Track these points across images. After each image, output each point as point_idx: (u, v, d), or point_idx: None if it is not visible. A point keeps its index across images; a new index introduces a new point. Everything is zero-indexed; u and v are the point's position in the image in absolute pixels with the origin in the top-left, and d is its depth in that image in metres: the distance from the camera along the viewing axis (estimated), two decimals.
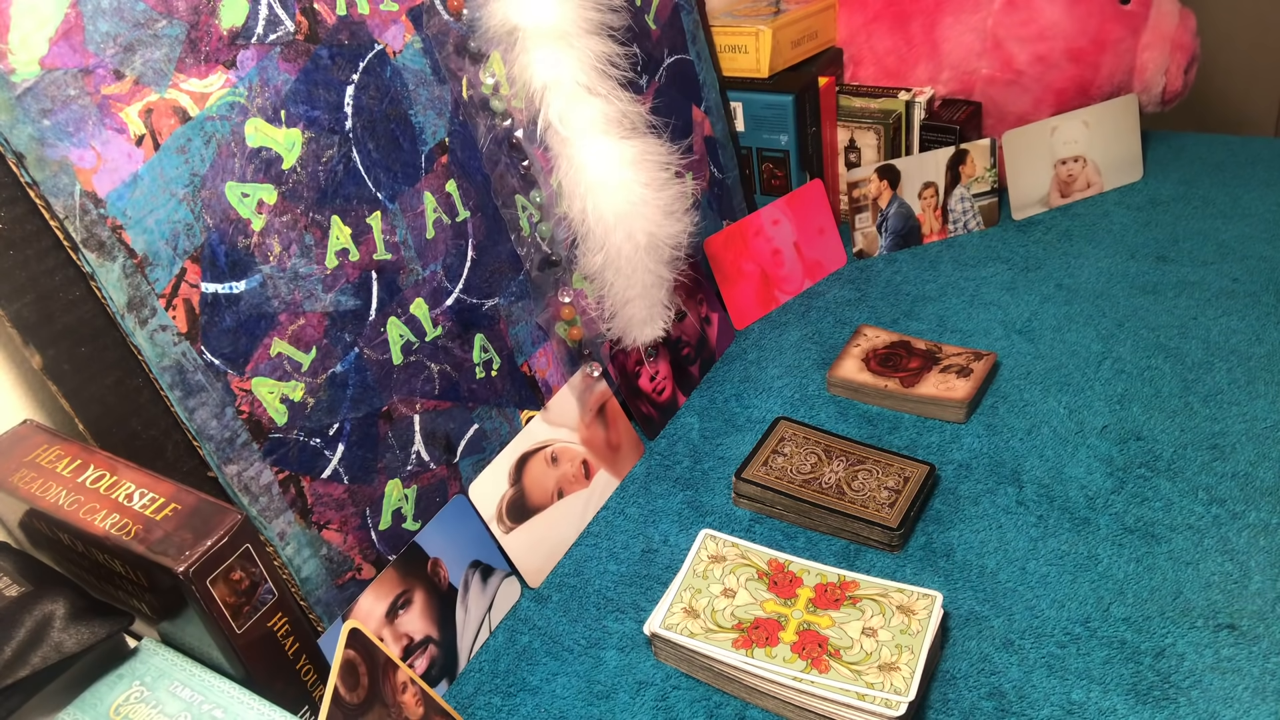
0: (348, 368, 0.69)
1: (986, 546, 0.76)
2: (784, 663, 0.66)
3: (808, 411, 0.93)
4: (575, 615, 0.76)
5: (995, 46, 1.13)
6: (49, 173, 0.54)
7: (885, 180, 1.11)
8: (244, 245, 0.62)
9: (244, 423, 0.63)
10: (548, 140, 0.79)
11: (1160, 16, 1.14)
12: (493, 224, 0.79)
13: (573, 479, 0.83)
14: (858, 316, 1.05)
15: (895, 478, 0.81)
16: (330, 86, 0.67)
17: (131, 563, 0.54)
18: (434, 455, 0.75)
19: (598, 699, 0.69)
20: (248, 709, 0.53)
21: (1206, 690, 0.64)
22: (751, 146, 1.14)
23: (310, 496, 0.67)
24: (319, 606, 0.67)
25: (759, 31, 1.10)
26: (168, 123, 0.59)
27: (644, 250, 0.81)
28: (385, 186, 0.71)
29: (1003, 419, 0.88)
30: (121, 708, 0.53)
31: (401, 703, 0.58)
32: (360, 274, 0.69)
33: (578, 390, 0.86)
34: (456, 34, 0.76)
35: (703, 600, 0.71)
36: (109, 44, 0.56)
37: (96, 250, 0.56)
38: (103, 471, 0.57)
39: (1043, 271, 1.07)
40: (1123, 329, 0.97)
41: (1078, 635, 0.69)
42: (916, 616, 0.68)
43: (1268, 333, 0.94)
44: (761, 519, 0.82)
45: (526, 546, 0.79)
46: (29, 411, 0.66)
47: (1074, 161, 1.17)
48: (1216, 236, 1.09)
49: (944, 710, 0.65)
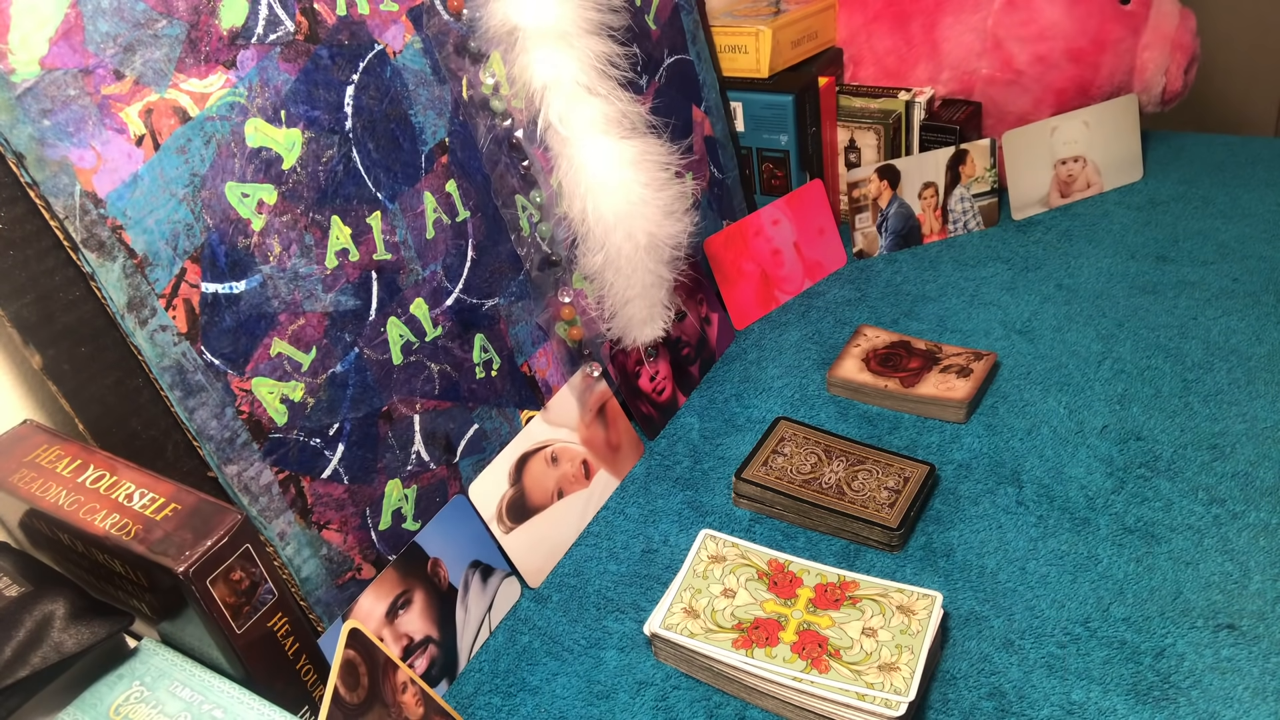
0: (348, 368, 0.69)
1: (986, 547, 0.76)
2: (784, 663, 0.66)
3: (808, 411, 0.93)
4: (575, 615, 0.76)
5: (995, 46, 1.13)
6: (49, 173, 0.54)
7: (885, 180, 1.11)
8: (244, 245, 0.63)
9: (244, 423, 0.63)
10: (548, 140, 0.79)
11: (1160, 16, 1.14)
12: (493, 224, 0.79)
13: (573, 479, 0.83)
14: (858, 316, 1.05)
15: (895, 478, 0.81)
16: (330, 86, 0.67)
17: (131, 563, 0.54)
18: (434, 455, 0.75)
19: (598, 699, 0.69)
20: (248, 709, 0.53)
21: (1206, 690, 0.64)
22: (751, 146, 1.14)
23: (310, 496, 0.67)
24: (319, 606, 0.67)
25: (759, 31, 1.10)
26: (168, 123, 0.59)
27: (644, 250, 0.81)
28: (385, 186, 0.71)
29: (1003, 419, 0.88)
30: (121, 708, 0.53)
31: (401, 703, 0.58)
32: (360, 274, 0.69)
33: (578, 390, 0.86)
34: (456, 34, 0.76)
35: (703, 600, 0.71)
36: (109, 44, 0.56)
37: (96, 250, 0.56)
38: (103, 471, 0.57)
39: (1043, 271, 1.07)
40: (1123, 329, 0.97)
41: (1078, 635, 0.69)
42: (916, 616, 0.68)
43: (1268, 333, 0.94)
44: (761, 519, 0.82)
45: (526, 546, 0.79)
46: (29, 411, 0.66)
47: (1074, 161, 1.17)
48: (1216, 236, 1.09)
49: (944, 710, 0.65)
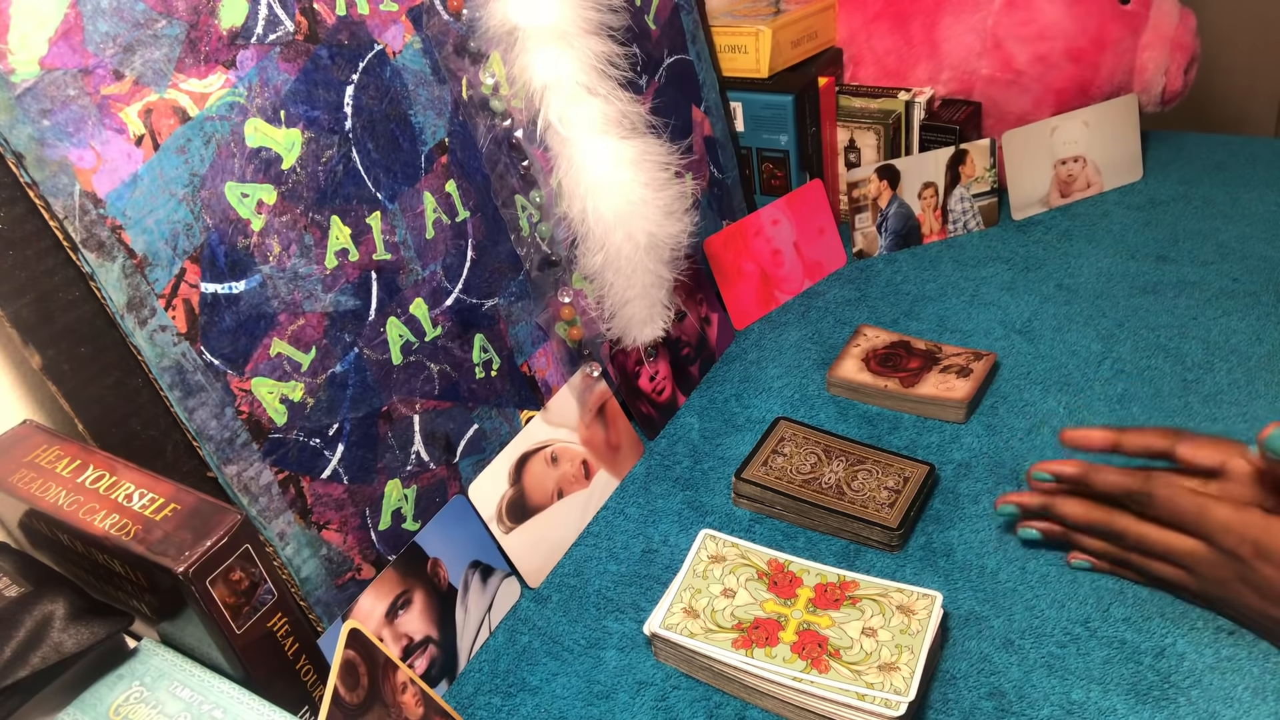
0: (347, 368, 0.69)
1: (986, 546, 0.76)
2: (784, 663, 0.66)
3: (808, 411, 0.93)
4: (575, 615, 0.76)
5: (995, 46, 1.13)
6: (49, 173, 0.54)
7: (885, 180, 1.11)
8: (244, 245, 0.62)
9: (244, 423, 0.63)
10: (548, 140, 0.79)
11: (1160, 16, 1.14)
12: (493, 224, 0.79)
13: (573, 479, 0.83)
14: (858, 316, 1.05)
15: (895, 478, 0.81)
16: (330, 86, 0.67)
17: (131, 563, 0.54)
18: (434, 455, 0.75)
19: (598, 699, 0.69)
20: (248, 709, 0.53)
21: (1206, 690, 0.64)
22: (751, 146, 1.14)
23: (310, 496, 0.67)
24: (319, 606, 0.67)
25: (759, 31, 1.10)
26: (167, 123, 0.59)
27: (644, 250, 0.81)
28: (385, 186, 0.71)
29: (1003, 419, 0.88)
30: (121, 708, 0.53)
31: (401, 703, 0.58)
32: (360, 274, 0.69)
33: (578, 390, 0.86)
34: (456, 34, 0.76)
35: (703, 600, 0.71)
36: (109, 44, 0.56)
37: (96, 250, 0.56)
38: (102, 472, 0.57)
39: (1043, 271, 1.07)
40: (1123, 329, 0.97)
41: (1078, 635, 0.69)
42: (916, 616, 0.68)
43: (1268, 333, 0.94)
44: (761, 519, 0.82)
45: (526, 546, 0.79)
46: (29, 411, 0.66)
47: (1074, 161, 1.17)
48: (1216, 236, 1.09)
49: (944, 710, 0.65)
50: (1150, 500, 0.66)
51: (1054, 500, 0.72)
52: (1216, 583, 0.65)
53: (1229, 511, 0.62)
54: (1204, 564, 0.64)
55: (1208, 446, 0.66)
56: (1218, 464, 0.65)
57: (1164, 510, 0.65)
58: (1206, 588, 0.66)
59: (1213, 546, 0.63)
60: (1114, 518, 0.69)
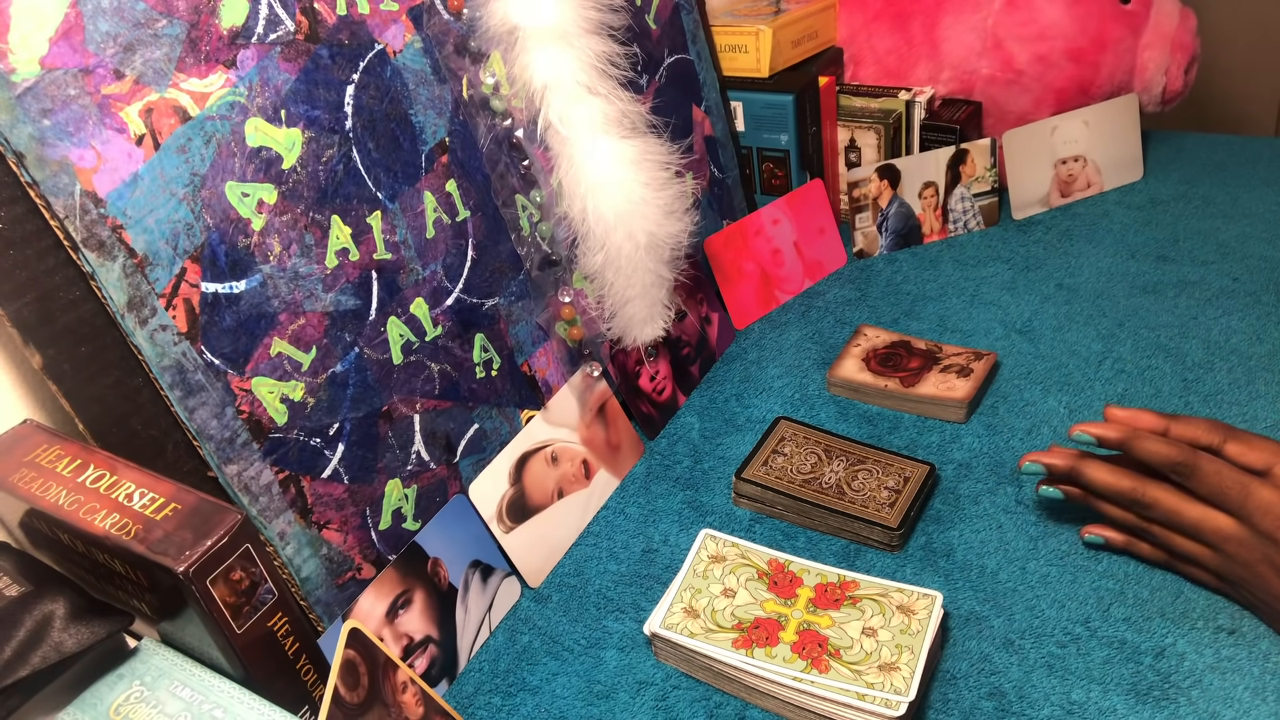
0: (348, 367, 0.69)
1: (987, 546, 0.76)
2: (784, 663, 0.66)
3: (808, 411, 0.93)
4: (575, 615, 0.76)
5: (995, 46, 1.13)
6: (49, 172, 0.54)
7: (885, 180, 1.11)
8: (244, 245, 0.62)
9: (244, 423, 0.63)
10: (548, 140, 0.79)
11: (1160, 16, 1.14)
12: (493, 224, 0.79)
13: (573, 479, 0.83)
14: (858, 316, 1.05)
15: (895, 477, 0.81)
16: (330, 86, 0.67)
17: (131, 563, 0.54)
18: (434, 455, 0.75)
19: (598, 699, 0.69)
20: (248, 709, 0.53)
21: (1206, 690, 0.64)
22: (751, 146, 1.14)
23: (310, 496, 0.67)
24: (319, 606, 0.67)
25: (759, 31, 1.10)
26: (168, 122, 0.59)
27: (644, 250, 0.81)
28: (385, 186, 0.71)
29: (1003, 419, 0.88)
30: (121, 708, 0.53)
31: (401, 703, 0.58)
32: (360, 274, 0.69)
33: (578, 390, 0.86)
34: (457, 33, 0.76)
35: (703, 600, 0.71)
36: (109, 44, 0.56)
37: (96, 250, 0.56)
38: (102, 471, 0.57)
39: (1043, 271, 1.07)
40: (1123, 329, 0.97)
41: (1078, 635, 0.69)
42: (916, 616, 0.68)
43: (1268, 333, 0.94)
44: (761, 519, 0.82)
45: (526, 546, 0.79)
46: (29, 411, 0.66)
47: (1074, 161, 1.17)
48: (1217, 236, 1.09)
49: (944, 710, 0.65)
50: (1193, 473, 0.65)
51: (1082, 463, 0.71)
52: (1241, 564, 0.64)
53: (1272, 494, 0.62)
54: (1233, 543, 0.64)
55: (1258, 448, 0.65)
56: (1265, 465, 0.64)
57: (1206, 485, 0.65)
58: (1229, 567, 0.66)
59: (1248, 526, 0.63)
60: (1147, 487, 0.68)
